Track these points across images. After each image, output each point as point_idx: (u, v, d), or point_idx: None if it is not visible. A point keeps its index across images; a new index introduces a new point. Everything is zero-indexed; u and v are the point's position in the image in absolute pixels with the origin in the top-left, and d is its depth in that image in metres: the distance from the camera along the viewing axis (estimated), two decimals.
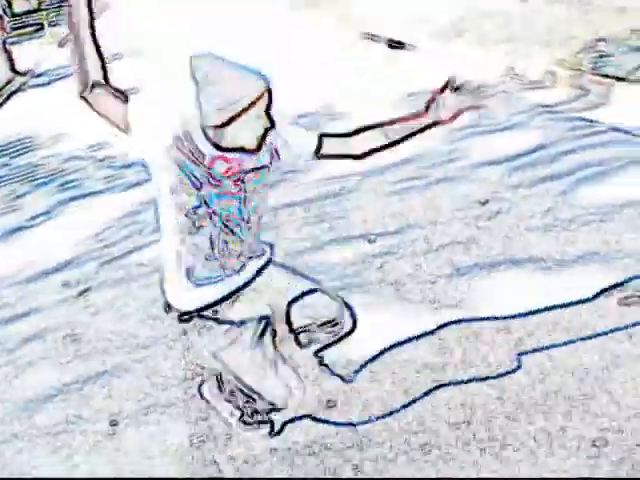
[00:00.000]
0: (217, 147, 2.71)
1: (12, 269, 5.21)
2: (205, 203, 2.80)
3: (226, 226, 2.83)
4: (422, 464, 2.95)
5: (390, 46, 10.83)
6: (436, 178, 5.37)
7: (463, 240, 4.44)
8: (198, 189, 2.77)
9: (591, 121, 5.96)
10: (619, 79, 6.81)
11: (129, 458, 3.22)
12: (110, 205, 5.79)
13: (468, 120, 6.52)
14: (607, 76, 6.93)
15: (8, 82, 14.18)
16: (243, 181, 2.81)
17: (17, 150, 8.87)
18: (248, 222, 2.88)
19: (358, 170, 5.49)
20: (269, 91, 2.74)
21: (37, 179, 7.35)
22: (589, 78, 6.97)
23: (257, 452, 3.11)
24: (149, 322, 4.13)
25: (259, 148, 2.78)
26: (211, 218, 2.82)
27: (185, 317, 2.96)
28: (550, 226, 4.49)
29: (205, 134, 2.69)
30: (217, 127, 2.65)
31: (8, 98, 13.01)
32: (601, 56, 7.40)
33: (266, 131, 2.76)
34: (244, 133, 2.69)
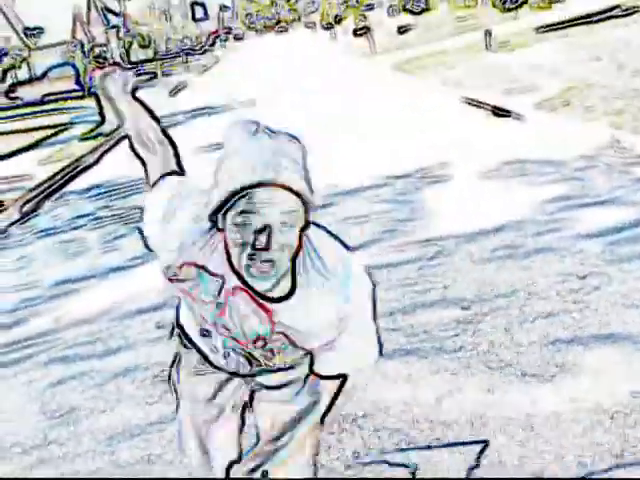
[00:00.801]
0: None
1: (109, 306, 5.36)
2: None
3: None
4: None
5: (495, 114, 10.83)
6: (534, 248, 5.29)
7: (559, 313, 4.32)
8: None
9: None
10: None
11: None
12: None
13: (569, 191, 6.43)
14: None
15: (118, 127, 14.78)
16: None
17: (119, 193, 9.19)
18: None
19: (455, 234, 5.46)
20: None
21: (137, 221, 7.57)
22: None
23: None
24: None
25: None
26: None
27: None
28: None
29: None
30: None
31: (117, 143, 13.52)
32: None
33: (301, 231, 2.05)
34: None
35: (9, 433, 3.89)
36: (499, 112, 10.66)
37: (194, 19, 39.71)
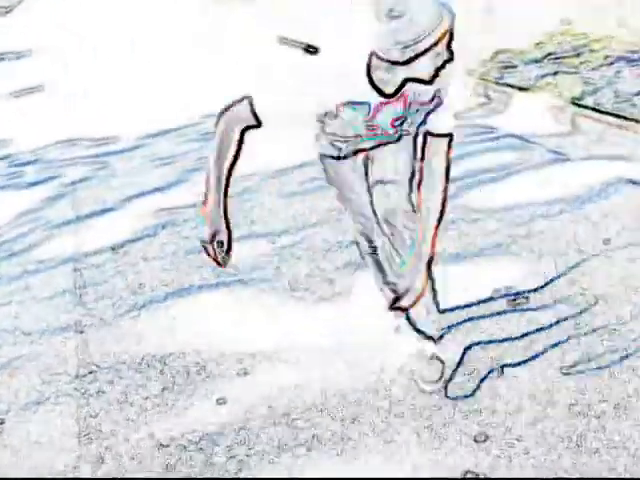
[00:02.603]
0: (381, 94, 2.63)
1: None
2: None
3: None
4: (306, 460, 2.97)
5: (307, 51, 10.91)
6: None
7: None
8: None
9: (491, 128, 6.11)
10: (521, 89, 7.03)
11: (16, 455, 3.17)
12: (10, 202, 5.72)
13: None
14: (511, 86, 7.14)
15: None
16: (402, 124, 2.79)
17: None
18: None
19: (260, 171, 5.50)
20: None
21: None
22: (492, 87, 7.16)
23: (142, 450, 3.09)
24: (45, 318, 4.08)
25: (433, 80, 2.53)
26: None
27: None
28: (448, 227, 4.58)
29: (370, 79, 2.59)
30: (398, 64, 2.45)
31: None
32: (506, 67, 7.62)
33: (444, 63, 2.48)
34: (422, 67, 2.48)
35: None
36: (310, 50, 10.75)
37: None
